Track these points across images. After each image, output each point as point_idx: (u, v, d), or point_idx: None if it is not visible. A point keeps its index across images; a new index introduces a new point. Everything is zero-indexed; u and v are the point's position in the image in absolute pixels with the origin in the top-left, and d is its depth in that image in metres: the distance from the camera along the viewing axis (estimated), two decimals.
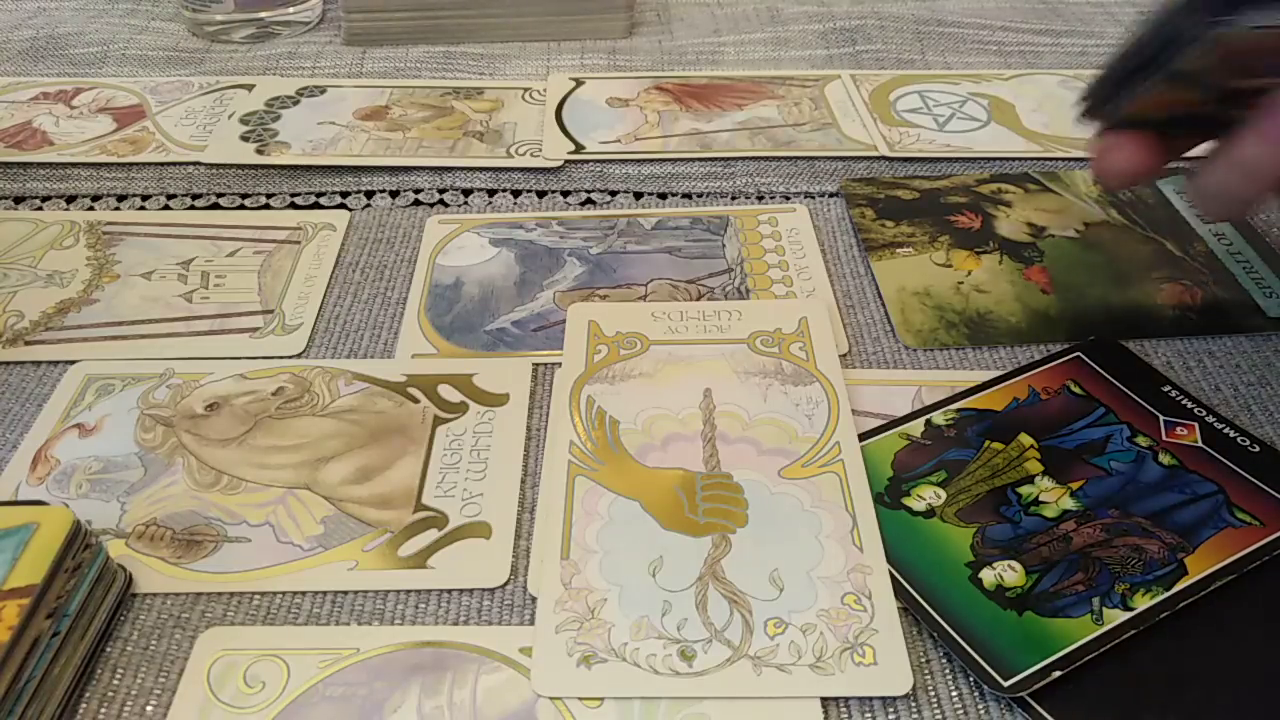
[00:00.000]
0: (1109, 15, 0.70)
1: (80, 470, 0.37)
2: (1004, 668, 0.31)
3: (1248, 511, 0.35)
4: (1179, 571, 0.33)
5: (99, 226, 0.49)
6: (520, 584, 0.34)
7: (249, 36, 0.66)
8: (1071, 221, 0.50)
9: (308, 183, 0.53)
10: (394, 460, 0.38)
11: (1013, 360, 0.42)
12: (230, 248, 0.48)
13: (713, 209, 0.51)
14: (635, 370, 0.41)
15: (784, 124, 0.57)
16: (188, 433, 0.39)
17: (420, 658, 0.31)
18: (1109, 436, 0.38)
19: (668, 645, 0.31)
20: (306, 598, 0.33)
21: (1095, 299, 0.45)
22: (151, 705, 0.30)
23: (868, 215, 0.50)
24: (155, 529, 0.35)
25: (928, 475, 0.37)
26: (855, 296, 0.46)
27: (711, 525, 0.35)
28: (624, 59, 0.65)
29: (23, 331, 0.43)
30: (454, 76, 0.63)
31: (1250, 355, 0.43)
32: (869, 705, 0.30)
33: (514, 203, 0.52)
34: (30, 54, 0.64)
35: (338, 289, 0.46)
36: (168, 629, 0.32)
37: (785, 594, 0.33)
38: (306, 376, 0.41)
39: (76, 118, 0.58)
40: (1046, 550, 0.34)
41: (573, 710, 0.30)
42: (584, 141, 0.56)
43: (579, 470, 0.37)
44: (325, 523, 0.35)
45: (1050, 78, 0.62)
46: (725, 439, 0.38)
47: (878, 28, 0.67)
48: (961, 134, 0.57)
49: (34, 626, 0.28)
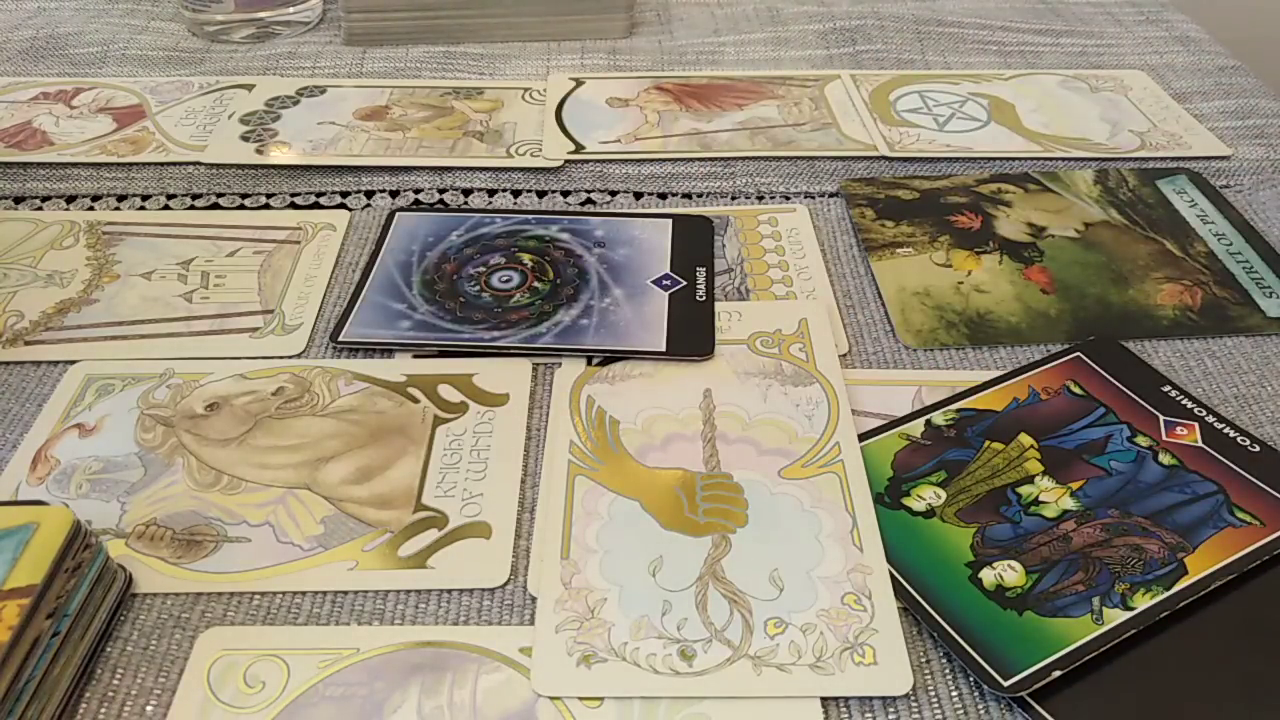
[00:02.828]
0: (1109, 15, 0.70)
1: (80, 470, 0.37)
2: (1004, 667, 0.31)
3: (1248, 511, 0.35)
4: (1179, 571, 0.33)
5: (99, 226, 0.49)
6: (520, 584, 0.34)
7: (249, 36, 0.66)
8: (1071, 221, 0.50)
9: (308, 183, 0.53)
10: (394, 460, 0.38)
11: (1013, 360, 0.42)
12: (230, 248, 0.48)
13: (711, 209, 0.51)
14: (635, 370, 0.41)
15: (784, 124, 0.57)
16: (188, 433, 0.39)
17: (420, 658, 0.31)
18: (1109, 436, 0.38)
19: (668, 645, 0.31)
20: (306, 598, 0.33)
21: (1095, 299, 0.45)
22: (151, 705, 0.30)
23: (868, 215, 0.50)
24: (155, 529, 0.35)
25: (928, 475, 0.37)
26: (855, 296, 0.46)
27: (711, 525, 0.35)
28: (624, 59, 0.65)
29: (23, 331, 0.43)
30: (454, 76, 0.63)
31: (1250, 355, 0.43)
32: (869, 705, 0.30)
33: (514, 203, 0.52)
34: (30, 54, 0.64)
35: (338, 289, 0.46)
36: (168, 629, 0.32)
37: (785, 594, 0.33)
38: (306, 376, 0.41)
39: (76, 118, 0.58)
40: (1046, 550, 0.34)
41: (573, 710, 0.30)
42: (584, 141, 0.56)
43: (579, 470, 0.37)
44: (325, 523, 0.35)
45: (1050, 78, 0.62)
46: (725, 439, 0.38)
47: (878, 28, 0.67)
48: (961, 134, 0.57)
49: (34, 626, 0.28)
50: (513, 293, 0.45)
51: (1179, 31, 0.68)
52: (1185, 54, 0.65)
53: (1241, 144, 0.56)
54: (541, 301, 0.44)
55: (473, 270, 0.46)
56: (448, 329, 0.43)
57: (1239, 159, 0.55)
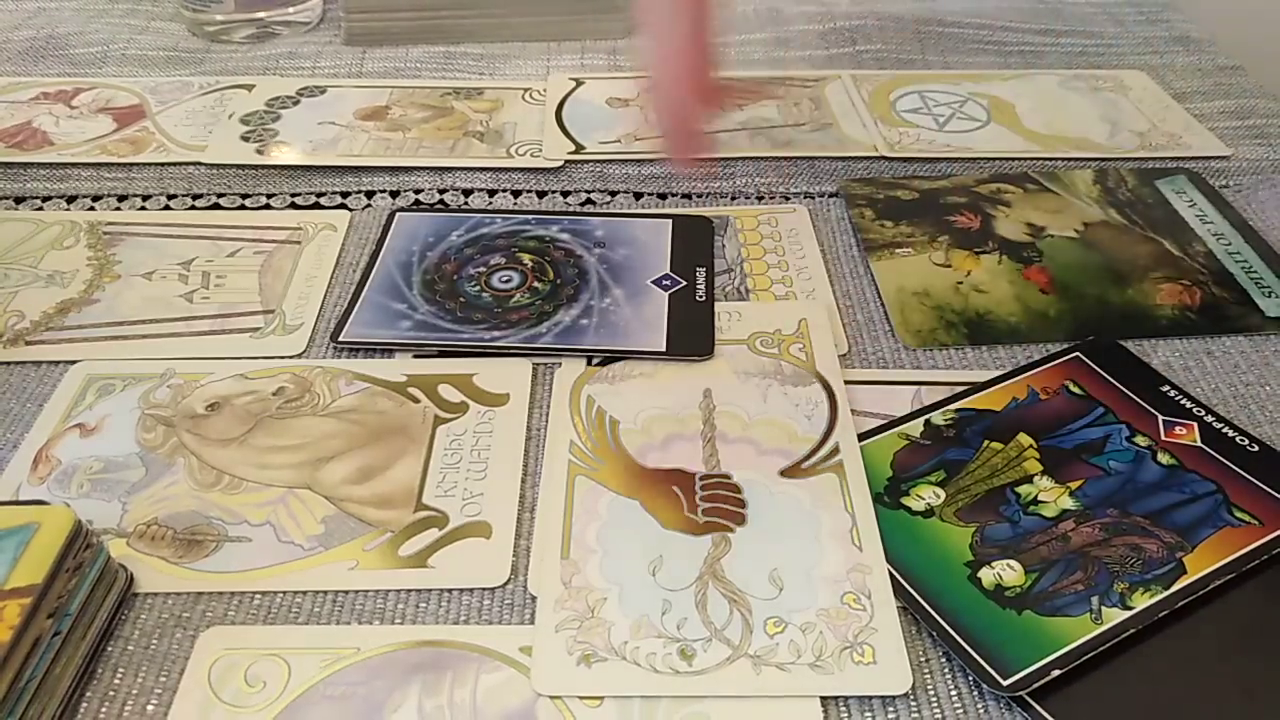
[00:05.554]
0: (1109, 15, 0.70)
1: (81, 470, 0.37)
2: (1003, 667, 0.31)
3: (1247, 511, 0.35)
4: (1178, 570, 0.33)
5: (99, 226, 0.49)
6: (520, 583, 0.34)
7: (249, 36, 0.66)
8: (1071, 221, 0.50)
9: (308, 183, 0.53)
10: (394, 460, 0.38)
11: (1012, 360, 0.42)
12: (231, 248, 0.48)
13: (711, 209, 0.51)
14: (635, 370, 0.41)
15: (784, 124, 0.57)
16: (188, 432, 0.39)
17: (420, 657, 0.31)
18: (1108, 436, 0.38)
19: (667, 644, 0.31)
20: (307, 597, 0.33)
21: (1094, 299, 0.45)
22: (153, 704, 0.30)
23: (867, 215, 0.50)
24: (156, 529, 0.35)
25: (927, 475, 0.37)
26: (855, 296, 0.46)
27: (711, 525, 0.35)
28: (624, 59, 0.65)
29: (23, 331, 0.43)
30: (454, 76, 0.63)
31: (1249, 355, 0.43)
32: (869, 704, 0.30)
33: (514, 203, 0.52)
34: (30, 54, 0.64)
35: (338, 289, 0.46)
36: (169, 628, 0.32)
37: (785, 593, 0.33)
38: (307, 376, 0.41)
39: (76, 118, 0.58)
40: (1045, 549, 0.34)
41: (573, 709, 0.30)
42: (584, 141, 0.56)
43: (579, 470, 0.37)
44: (326, 522, 0.35)
45: (1050, 78, 0.62)
46: (725, 439, 0.38)
47: (878, 28, 0.67)
48: (961, 134, 0.57)
49: (35, 626, 0.29)
50: (513, 293, 0.45)
51: (1179, 31, 0.68)
52: (1185, 54, 0.65)
53: (1241, 144, 0.56)
54: (541, 301, 0.44)
55: (473, 270, 0.46)
56: (448, 329, 0.43)
57: (1239, 159, 0.55)
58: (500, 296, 0.44)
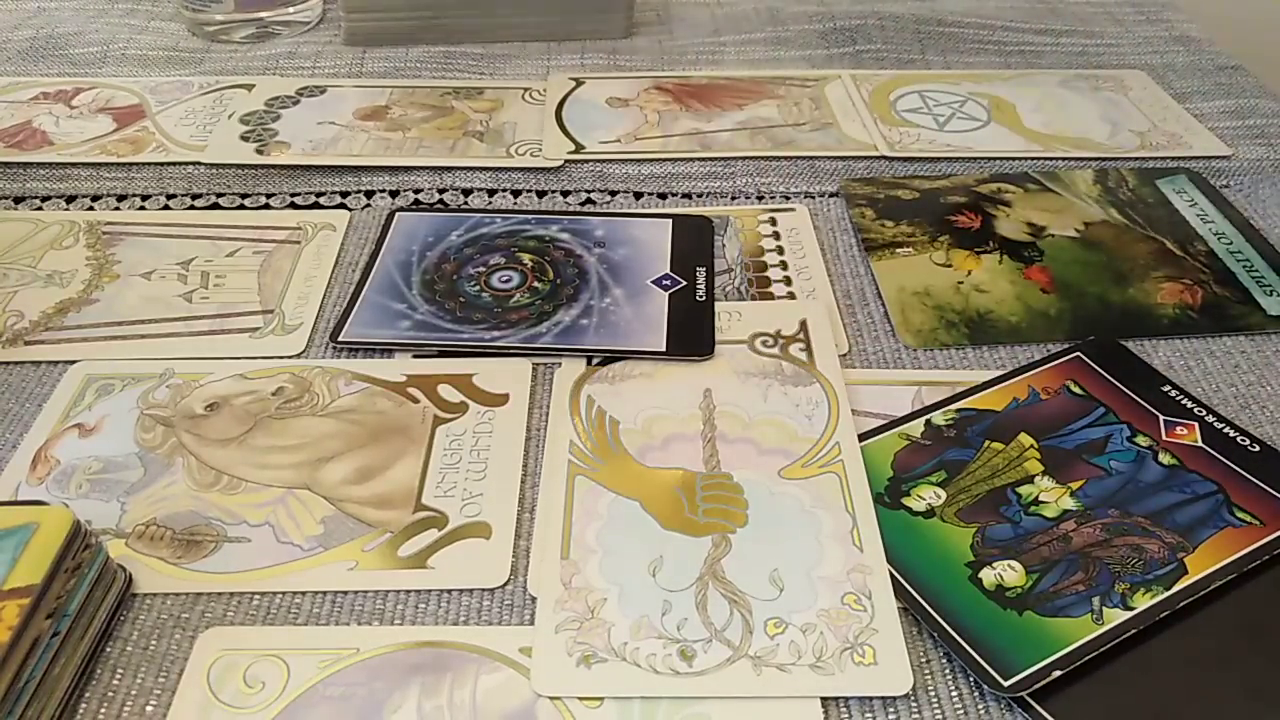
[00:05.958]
0: (1109, 15, 0.70)
1: (80, 470, 0.37)
2: (1004, 667, 0.31)
3: (1248, 511, 0.35)
4: (1179, 571, 0.33)
5: (99, 226, 0.49)
6: (520, 584, 0.34)
7: (249, 36, 0.66)
8: (1071, 221, 0.50)
9: (308, 183, 0.53)
10: (394, 460, 0.38)
11: (1013, 360, 0.42)
12: (230, 248, 0.48)
13: (711, 209, 0.51)
14: (635, 370, 0.41)
15: (784, 124, 0.57)
16: (188, 433, 0.39)
17: (420, 658, 0.31)
18: (1109, 436, 0.38)
19: (668, 645, 0.31)
20: (306, 598, 0.33)
21: (1095, 298, 0.45)
22: (151, 705, 0.30)
23: (868, 215, 0.50)
24: (155, 529, 0.35)
25: (928, 475, 0.37)
26: (855, 296, 0.46)
27: (711, 525, 0.35)
28: (624, 59, 0.65)
29: (23, 331, 0.43)
30: (454, 76, 0.62)
31: (1250, 355, 0.43)
32: (869, 705, 0.30)
33: (514, 203, 0.52)
34: (30, 54, 0.64)
35: (338, 289, 0.46)
36: (168, 629, 0.32)
37: (785, 594, 0.33)
38: (306, 376, 0.41)
39: (76, 118, 0.58)
40: (1046, 550, 0.34)
41: (573, 710, 0.30)
42: (584, 141, 0.56)
43: (579, 470, 0.37)
44: (325, 523, 0.35)
45: (1050, 78, 0.62)
46: (725, 439, 0.38)
47: (878, 28, 0.67)
48: (961, 134, 0.57)
49: (34, 626, 0.28)
50: (513, 293, 0.45)
51: (1179, 31, 0.68)
52: (1185, 54, 0.65)
53: (1241, 144, 0.56)
54: (541, 301, 0.44)
55: (473, 270, 0.46)
56: (448, 329, 0.43)
57: (1239, 159, 0.55)
58: (500, 296, 0.44)
